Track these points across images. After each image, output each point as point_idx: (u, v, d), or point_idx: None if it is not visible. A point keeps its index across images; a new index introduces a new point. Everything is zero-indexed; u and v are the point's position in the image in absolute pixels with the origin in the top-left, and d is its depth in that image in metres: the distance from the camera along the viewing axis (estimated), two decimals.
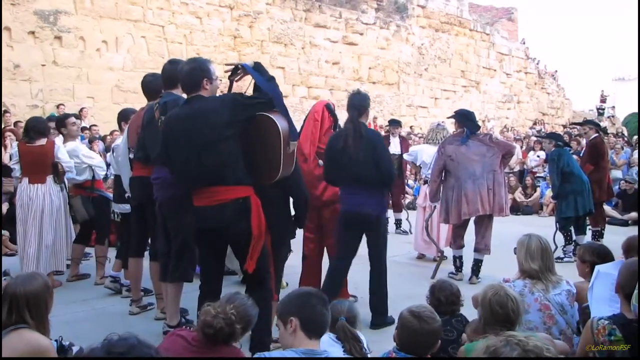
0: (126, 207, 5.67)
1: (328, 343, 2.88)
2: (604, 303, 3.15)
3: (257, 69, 3.88)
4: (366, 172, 4.85)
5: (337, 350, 2.86)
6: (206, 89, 3.80)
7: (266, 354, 2.68)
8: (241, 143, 3.71)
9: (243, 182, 3.70)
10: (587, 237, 8.07)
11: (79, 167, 6.26)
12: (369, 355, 3.01)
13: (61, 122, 6.53)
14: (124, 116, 5.93)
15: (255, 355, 2.74)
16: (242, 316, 2.74)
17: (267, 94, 3.75)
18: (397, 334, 2.92)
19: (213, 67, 3.91)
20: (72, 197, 6.31)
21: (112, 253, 6.53)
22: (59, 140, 6.25)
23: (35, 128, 6.06)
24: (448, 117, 7.54)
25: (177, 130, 3.74)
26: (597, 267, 3.40)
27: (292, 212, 4.43)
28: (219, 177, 3.66)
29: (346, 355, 2.86)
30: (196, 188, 3.74)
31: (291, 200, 4.40)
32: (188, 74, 3.81)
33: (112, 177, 6.23)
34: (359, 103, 5.02)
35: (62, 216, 6.09)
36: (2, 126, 10.73)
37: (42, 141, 6.01)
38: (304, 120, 5.46)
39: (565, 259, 7.40)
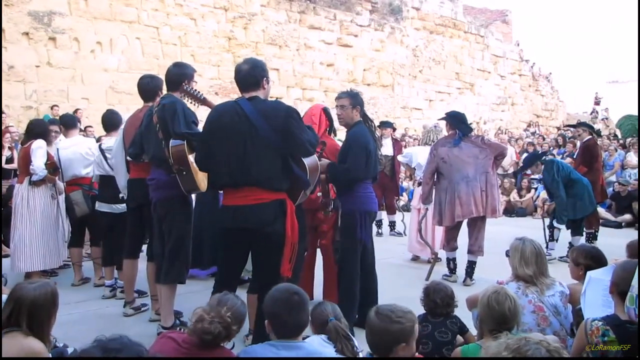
0: (114, 207, 5.77)
1: (320, 345, 2.89)
2: (596, 309, 3.17)
3: None
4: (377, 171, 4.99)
5: (329, 351, 2.87)
6: (264, 89, 3.83)
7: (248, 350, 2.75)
8: None
9: (283, 189, 3.74)
10: (582, 239, 8.10)
11: (85, 161, 6.29)
12: (360, 354, 3.02)
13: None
14: (116, 121, 5.97)
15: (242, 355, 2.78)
16: (237, 316, 2.76)
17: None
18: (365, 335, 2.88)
19: None
20: (73, 192, 6.28)
21: None
22: (39, 142, 6.18)
23: (27, 130, 6.25)
24: (439, 119, 7.55)
25: (231, 125, 3.68)
26: (588, 273, 3.41)
27: None
28: (267, 181, 3.66)
29: (338, 356, 2.86)
30: (235, 186, 3.70)
31: None
32: (249, 72, 3.80)
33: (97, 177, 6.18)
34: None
35: (35, 217, 6.07)
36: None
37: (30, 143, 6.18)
38: None
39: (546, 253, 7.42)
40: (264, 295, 3.76)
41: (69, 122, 6.73)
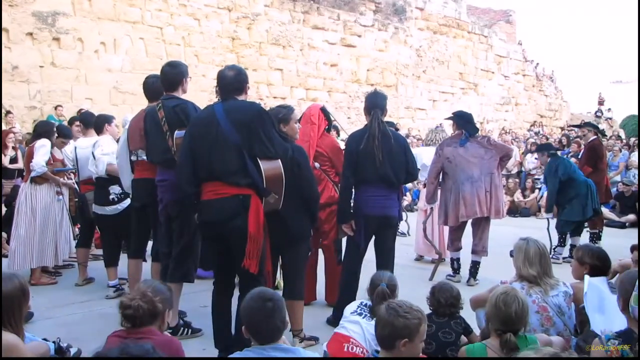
0: (106, 209, 5.85)
1: (351, 311, 3.57)
2: (594, 311, 3.30)
3: None
4: (396, 174, 4.82)
5: (357, 319, 3.46)
6: (246, 94, 4.00)
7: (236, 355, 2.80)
8: None
9: (243, 185, 3.76)
10: (584, 239, 8.08)
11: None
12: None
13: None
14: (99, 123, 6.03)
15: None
16: (158, 293, 2.87)
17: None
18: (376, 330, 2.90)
19: None
20: (87, 192, 6.26)
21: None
22: (43, 141, 6.22)
23: (33, 130, 6.34)
24: (446, 119, 7.52)
25: (204, 124, 3.85)
26: (587, 278, 3.48)
27: None
28: (225, 176, 3.76)
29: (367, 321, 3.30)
30: (205, 180, 3.82)
31: None
32: (235, 78, 3.93)
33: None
34: (381, 103, 4.95)
35: (35, 215, 6.10)
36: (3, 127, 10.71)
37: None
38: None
39: (552, 258, 7.40)
40: (242, 291, 3.81)
41: (87, 121, 6.55)
